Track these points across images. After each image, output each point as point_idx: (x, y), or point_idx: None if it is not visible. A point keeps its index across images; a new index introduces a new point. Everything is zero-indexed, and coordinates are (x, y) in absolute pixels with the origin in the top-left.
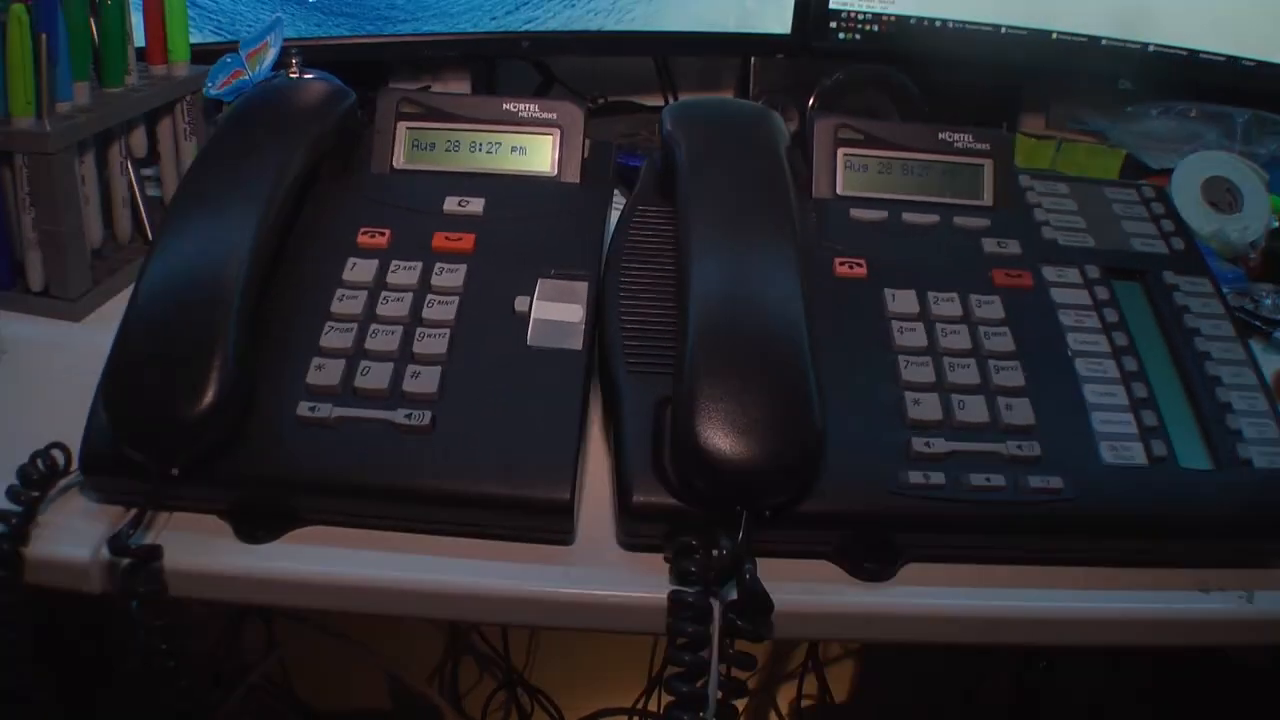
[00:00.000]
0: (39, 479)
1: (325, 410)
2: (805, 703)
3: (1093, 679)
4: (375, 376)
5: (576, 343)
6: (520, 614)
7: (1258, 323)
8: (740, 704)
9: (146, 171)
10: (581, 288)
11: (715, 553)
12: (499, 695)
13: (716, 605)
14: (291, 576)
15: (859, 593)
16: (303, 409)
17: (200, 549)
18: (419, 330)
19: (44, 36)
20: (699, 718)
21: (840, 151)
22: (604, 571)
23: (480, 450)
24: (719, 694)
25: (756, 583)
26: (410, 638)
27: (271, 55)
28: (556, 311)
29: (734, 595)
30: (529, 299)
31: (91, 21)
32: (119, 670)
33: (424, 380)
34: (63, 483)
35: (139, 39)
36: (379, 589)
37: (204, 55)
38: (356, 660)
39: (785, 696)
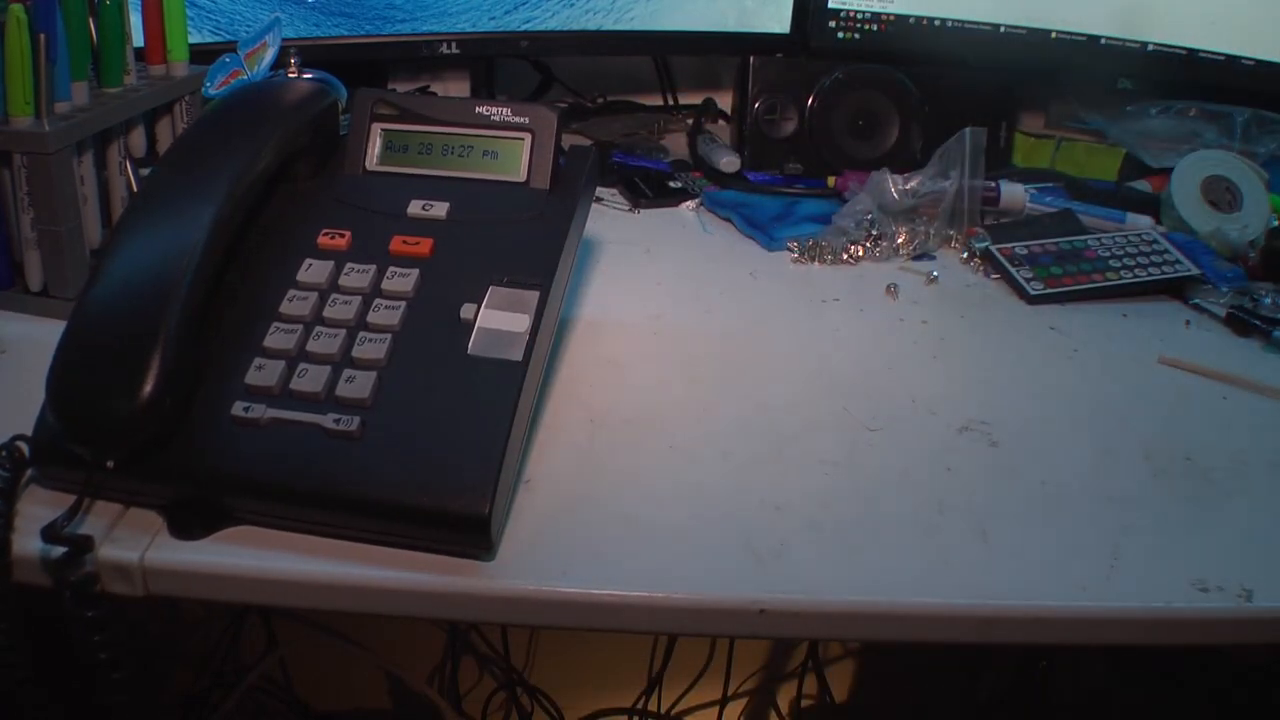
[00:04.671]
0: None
1: (259, 411)
2: (805, 703)
3: (1093, 678)
4: (311, 379)
5: (517, 354)
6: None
7: (1257, 322)
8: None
9: (145, 171)
10: (531, 297)
11: None
12: (499, 695)
13: None
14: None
15: None
16: (237, 408)
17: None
18: (361, 334)
19: (43, 36)
20: None
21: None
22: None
23: (404, 459)
24: None
25: None
26: (410, 638)
27: (270, 55)
28: (502, 321)
29: None
30: (476, 307)
31: (90, 21)
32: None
33: (358, 385)
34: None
35: (138, 39)
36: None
37: (203, 55)
38: (356, 660)
39: (785, 696)
